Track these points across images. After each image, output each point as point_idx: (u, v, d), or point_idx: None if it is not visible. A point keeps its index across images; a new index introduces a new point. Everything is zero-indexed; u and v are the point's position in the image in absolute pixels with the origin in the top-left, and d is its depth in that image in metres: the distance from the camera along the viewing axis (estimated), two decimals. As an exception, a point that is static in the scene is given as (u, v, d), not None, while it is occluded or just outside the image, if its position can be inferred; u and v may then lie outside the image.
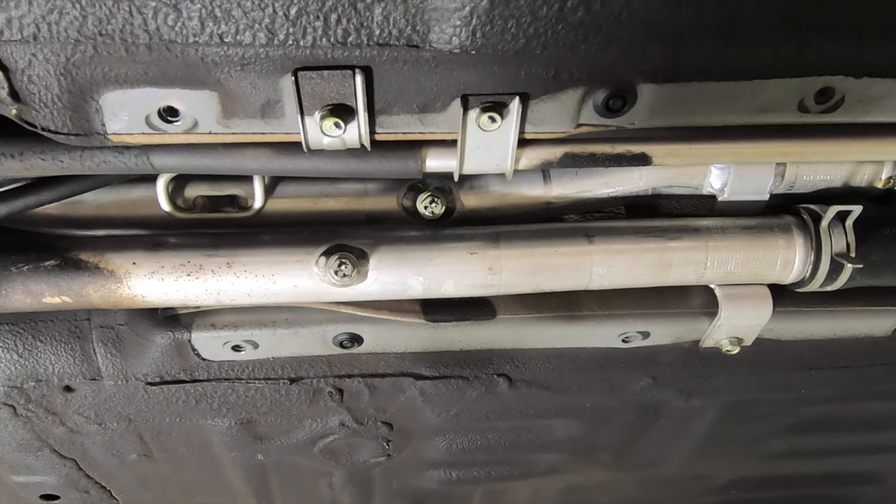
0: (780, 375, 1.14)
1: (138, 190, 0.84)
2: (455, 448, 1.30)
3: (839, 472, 1.58)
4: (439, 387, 1.09)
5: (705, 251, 0.84)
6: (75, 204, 0.83)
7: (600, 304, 0.94)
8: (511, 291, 0.85)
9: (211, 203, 0.84)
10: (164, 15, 0.57)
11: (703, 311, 0.94)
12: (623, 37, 0.61)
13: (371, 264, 0.79)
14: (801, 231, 0.85)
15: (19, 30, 0.57)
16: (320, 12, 0.57)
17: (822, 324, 0.99)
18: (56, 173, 0.73)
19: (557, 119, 0.69)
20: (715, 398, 1.21)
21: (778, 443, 1.42)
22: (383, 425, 1.20)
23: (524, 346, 0.99)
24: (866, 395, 1.25)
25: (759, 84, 0.67)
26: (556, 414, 1.21)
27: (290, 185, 0.86)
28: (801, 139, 0.79)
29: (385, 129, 0.69)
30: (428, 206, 0.85)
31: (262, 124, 0.68)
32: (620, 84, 0.67)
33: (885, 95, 0.70)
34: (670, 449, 1.39)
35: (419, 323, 0.90)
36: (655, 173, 0.87)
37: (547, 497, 1.58)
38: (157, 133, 0.68)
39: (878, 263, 0.84)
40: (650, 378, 1.12)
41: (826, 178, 0.87)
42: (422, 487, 1.46)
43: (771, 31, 0.62)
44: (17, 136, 0.70)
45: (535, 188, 0.88)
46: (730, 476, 1.57)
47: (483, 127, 0.66)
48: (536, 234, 0.83)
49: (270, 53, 0.60)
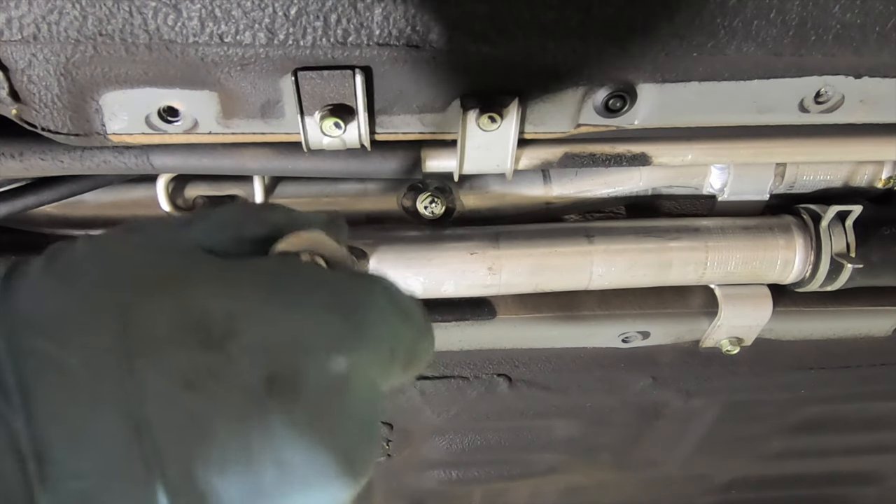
0: (780, 375, 1.14)
1: (138, 190, 0.84)
2: (455, 448, 1.30)
3: (839, 472, 1.58)
4: (439, 387, 1.09)
5: (705, 251, 0.84)
6: (75, 204, 0.83)
7: (600, 304, 0.94)
8: (511, 291, 0.85)
9: (211, 203, 0.84)
10: (164, 15, 0.57)
11: (703, 311, 0.94)
12: (623, 37, 0.61)
13: (371, 264, 0.79)
14: (801, 231, 0.85)
15: (19, 30, 0.57)
16: (320, 12, 0.57)
17: (822, 324, 0.99)
18: (56, 173, 0.73)
19: (557, 119, 0.70)
20: (715, 398, 1.21)
21: (778, 443, 1.42)
22: (383, 425, 1.20)
23: (524, 346, 0.99)
24: (866, 395, 1.25)
25: (759, 84, 0.67)
26: (556, 414, 1.21)
27: (290, 185, 0.86)
28: (801, 139, 0.79)
29: (385, 129, 0.69)
30: (428, 206, 0.85)
31: (262, 124, 0.68)
32: (620, 84, 0.67)
33: (885, 95, 0.70)
34: (670, 449, 1.39)
35: (419, 323, 0.90)
36: (655, 173, 0.87)
37: (547, 497, 1.58)
38: (157, 133, 0.68)
39: (878, 263, 0.84)
40: (650, 378, 1.12)
41: (826, 178, 0.87)
42: (422, 487, 1.46)
43: (771, 31, 0.62)
44: (17, 136, 0.70)
45: (535, 188, 0.88)
46: (730, 476, 1.57)
47: (483, 127, 0.66)
48: (536, 234, 0.84)
49: (270, 53, 0.60)
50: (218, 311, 0.36)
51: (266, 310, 0.37)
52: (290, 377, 0.35)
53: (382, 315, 0.41)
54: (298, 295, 0.39)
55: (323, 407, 0.36)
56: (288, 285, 0.39)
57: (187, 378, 0.34)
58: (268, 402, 0.34)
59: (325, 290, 0.40)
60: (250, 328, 0.36)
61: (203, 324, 0.35)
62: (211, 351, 0.35)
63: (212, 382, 0.34)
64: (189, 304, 0.36)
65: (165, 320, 0.35)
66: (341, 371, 0.37)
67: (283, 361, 0.36)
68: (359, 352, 0.38)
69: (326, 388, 0.36)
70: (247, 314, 0.37)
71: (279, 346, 0.36)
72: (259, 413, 0.34)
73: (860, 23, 0.62)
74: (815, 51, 0.63)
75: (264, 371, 0.35)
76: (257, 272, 0.40)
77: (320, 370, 0.36)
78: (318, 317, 0.38)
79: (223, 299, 0.37)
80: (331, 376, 0.37)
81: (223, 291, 0.38)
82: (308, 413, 0.35)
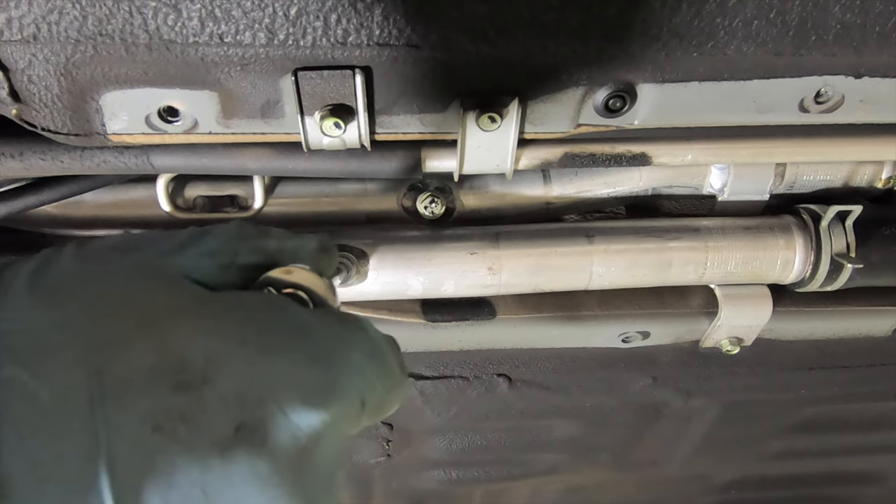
0: (780, 375, 1.14)
1: (138, 190, 0.84)
2: (455, 448, 1.30)
3: (839, 472, 1.58)
4: (439, 387, 1.09)
5: (705, 251, 0.84)
6: (75, 204, 0.83)
7: (600, 304, 0.94)
8: (511, 291, 0.85)
9: (211, 203, 0.84)
10: (164, 15, 0.57)
11: (703, 311, 0.94)
12: (623, 37, 0.61)
13: (371, 264, 0.79)
14: (801, 231, 0.85)
15: (19, 30, 0.57)
16: (320, 12, 0.57)
17: (822, 324, 0.99)
18: (56, 173, 0.73)
19: (557, 119, 0.69)
20: (715, 398, 1.21)
21: (778, 443, 1.42)
22: (383, 425, 1.20)
23: (524, 346, 0.99)
24: (866, 395, 1.26)
25: (759, 84, 0.67)
26: (556, 414, 1.21)
27: (290, 185, 0.86)
28: (801, 139, 0.79)
29: (385, 129, 0.69)
30: (428, 206, 0.85)
31: (262, 124, 0.68)
32: (620, 84, 0.67)
33: (885, 95, 0.70)
34: (670, 449, 1.39)
35: (419, 323, 0.90)
36: (655, 173, 0.87)
37: (547, 497, 1.58)
38: (157, 133, 0.68)
39: (878, 263, 0.84)
40: (650, 378, 1.12)
41: (826, 178, 0.87)
42: (422, 487, 1.46)
43: (771, 31, 0.62)
44: (17, 136, 0.70)
45: (535, 188, 0.88)
46: (730, 476, 1.58)
47: (483, 127, 0.66)
48: (536, 234, 0.83)
49: (270, 53, 0.60)
50: (196, 353, 0.36)
51: (245, 355, 0.37)
52: (260, 428, 0.35)
53: (359, 368, 0.41)
54: (279, 342, 0.39)
55: (288, 460, 0.36)
56: (270, 329, 0.39)
57: (157, 421, 0.34)
58: (234, 451, 0.34)
59: (306, 338, 0.40)
60: (226, 374, 0.36)
61: (180, 367, 0.35)
62: (185, 395, 0.35)
63: (181, 427, 0.34)
64: (167, 346, 0.36)
65: (142, 361, 0.35)
66: (312, 426, 0.37)
67: (255, 412, 0.36)
68: (331, 408, 0.38)
69: (294, 442, 0.36)
70: (225, 358, 0.36)
71: (253, 396, 0.36)
72: (223, 462, 0.34)
73: (860, 23, 0.62)
74: (815, 51, 0.63)
75: (235, 419, 0.35)
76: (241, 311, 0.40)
77: (290, 424, 0.36)
78: (296, 368, 0.38)
79: (203, 340, 0.37)
80: (300, 431, 0.37)
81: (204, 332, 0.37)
82: (272, 465, 0.35)
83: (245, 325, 0.39)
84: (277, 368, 0.38)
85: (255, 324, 0.39)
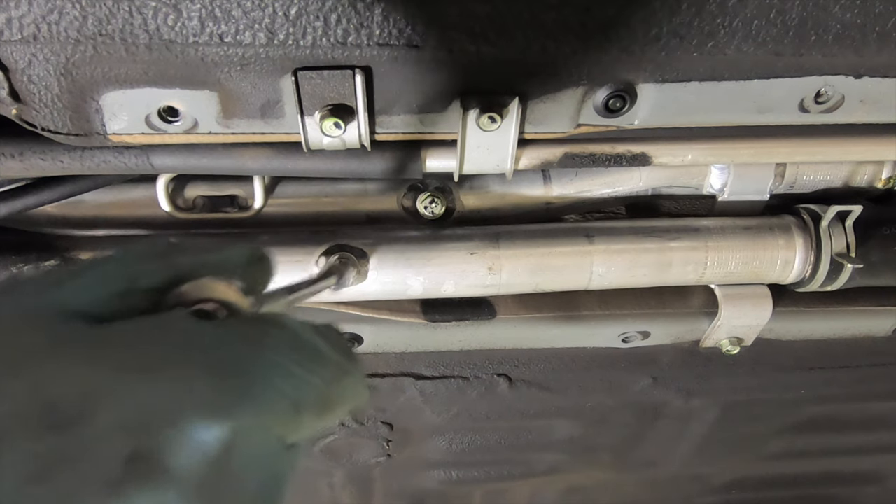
0: (780, 375, 1.14)
1: (138, 190, 0.84)
2: (455, 448, 1.30)
3: (839, 472, 1.58)
4: (439, 387, 1.09)
5: (705, 251, 0.84)
6: (75, 204, 0.83)
7: (600, 304, 0.94)
8: (511, 291, 0.85)
9: (211, 203, 0.84)
10: (164, 15, 0.57)
11: (703, 311, 0.94)
12: (623, 37, 0.61)
13: (371, 264, 0.79)
14: (801, 231, 0.85)
15: (19, 30, 0.57)
16: (320, 12, 0.57)
17: (822, 324, 0.99)
18: (56, 173, 0.73)
19: (557, 119, 0.70)
20: (715, 398, 1.22)
21: (778, 443, 1.42)
22: (383, 425, 1.20)
23: (524, 346, 0.99)
24: (866, 395, 1.26)
25: (759, 84, 0.67)
26: (556, 414, 1.21)
27: (290, 185, 0.86)
28: (801, 139, 0.79)
29: (385, 129, 0.69)
30: (428, 206, 0.85)
31: (262, 124, 0.68)
32: (620, 84, 0.67)
33: (885, 95, 0.70)
34: (670, 449, 1.39)
35: (419, 323, 0.91)
36: (655, 173, 0.87)
37: (547, 497, 1.58)
38: (157, 133, 0.68)
39: (878, 263, 0.84)
40: (650, 378, 1.12)
41: (826, 178, 0.87)
42: (422, 487, 1.46)
43: (771, 31, 0.62)
44: (17, 136, 0.70)
45: (535, 188, 0.88)
46: (730, 476, 1.58)
47: (483, 127, 0.66)
48: (536, 234, 0.84)
49: (270, 53, 0.60)
50: (70, 389, 0.33)
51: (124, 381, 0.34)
52: (153, 455, 0.32)
53: (276, 366, 0.38)
54: (167, 360, 0.35)
55: (199, 480, 0.33)
56: (154, 351, 0.36)
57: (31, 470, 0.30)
58: (126, 486, 0.31)
59: (201, 350, 0.36)
60: (105, 405, 0.32)
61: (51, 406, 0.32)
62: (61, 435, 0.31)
63: (64, 470, 0.31)
64: (38, 387, 0.33)
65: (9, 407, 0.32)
66: (219, 438, 0.34)
67: (145, 439, 0.32)
68: (239, 415, 0.35)
69: (203, 459, 0.33)
70: (102, 389, 0.33)
71: (139, 422, 0.33)
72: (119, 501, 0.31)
73: (860, 23, 0.62)
74: (815, 51, 0.63)
75: (122, 452, 0.32)
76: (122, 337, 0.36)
77: (193, 441, 0.33)
78: (187, 383, 0.35)
79: (75, 375, 0.33)
80: (208, 446, 0.33)
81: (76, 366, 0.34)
82: (179, 491, 0.32)
83: (125, 350, 0.35)
84: (166, 387, 0.34)
85: (137, 348, 0.36)
